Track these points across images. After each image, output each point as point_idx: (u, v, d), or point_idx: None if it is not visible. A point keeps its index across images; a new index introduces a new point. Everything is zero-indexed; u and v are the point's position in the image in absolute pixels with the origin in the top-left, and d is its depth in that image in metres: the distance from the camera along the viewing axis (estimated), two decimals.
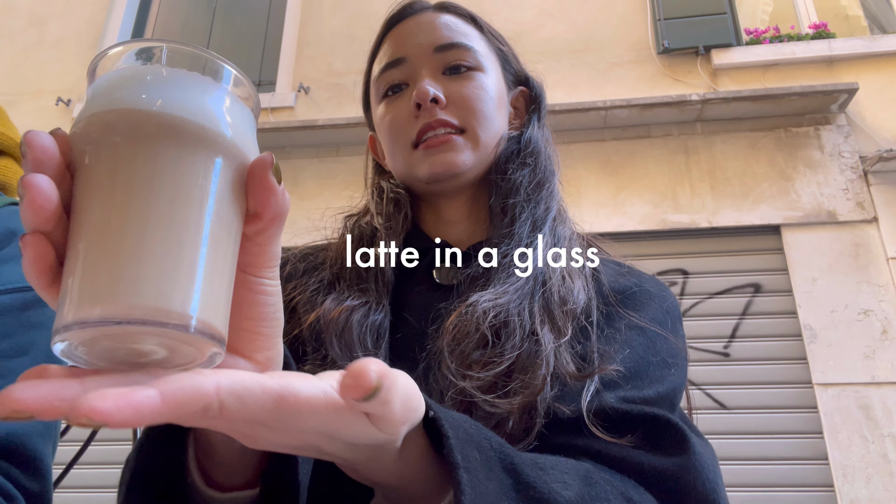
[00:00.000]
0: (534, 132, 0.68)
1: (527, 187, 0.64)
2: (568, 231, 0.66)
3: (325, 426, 0.26)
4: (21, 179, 0.23)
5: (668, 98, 3.57)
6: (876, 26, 4.17)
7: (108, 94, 0.25)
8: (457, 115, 0.63)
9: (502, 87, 0.68)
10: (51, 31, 4.71)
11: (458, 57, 0.64)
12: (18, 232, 0.70)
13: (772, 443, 3.03)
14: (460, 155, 0.62)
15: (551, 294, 0.56)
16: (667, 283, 3.06)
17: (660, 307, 0.59)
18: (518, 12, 4.23)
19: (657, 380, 0.52)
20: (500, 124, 0.66)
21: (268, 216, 0.28)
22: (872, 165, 3.38)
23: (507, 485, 0.35)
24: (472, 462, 0.33)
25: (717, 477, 0.46)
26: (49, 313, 0.68)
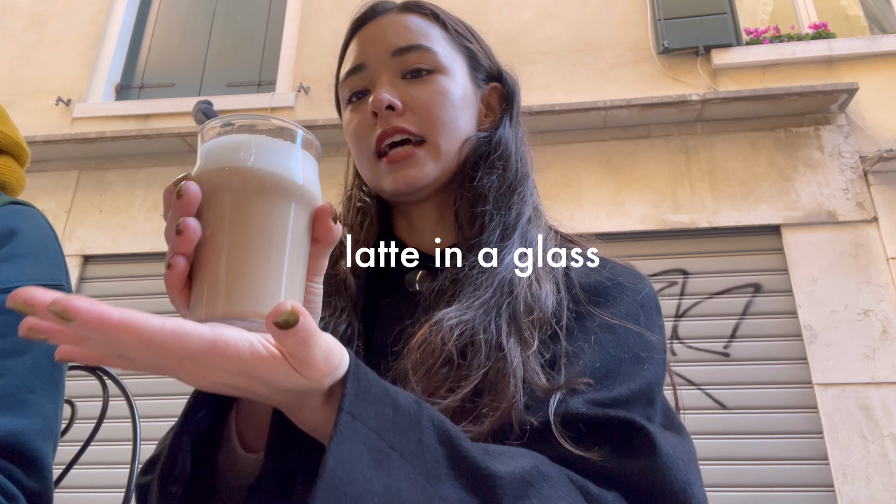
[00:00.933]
0: (504, 132, 0.66)
1: (496, 193, 0.62)
2: (541, 233, 0.64)
3: (250, 369, 0.32)
4: (179, 221, 0.35)
5: (668, 98, 3.57)
6: (876, 26, 4.17)
7: (222, 154, 0.36)
8: (415, 121, 0.61)
9: (468, 86, 0.66)
10: (51, 31, 4.71)
11: (416, 60, 0.63)
12: (18, 231, 0.70)
13: (772, 443, 3.03)
14: (422, 169, 0.61)
15: (518, 304, 0.54)
16: (666, 282, 3.02)
17: (632, 300, 0.58)
18: (518, 12, 4.23)
19: (629, 377, 0.51)
20: (464, 127, 0.64)
21: (325, 244, 0.40)
22: (872, 165, 3.38)
23: (439, 454, 0.38)
24: (372, 416, 0.36)
25: (688, 475, 0.46)
26: None
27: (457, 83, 0.64)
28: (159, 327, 0.30)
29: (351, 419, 0.35)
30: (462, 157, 0.64)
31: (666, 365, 0.57)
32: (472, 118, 0.66)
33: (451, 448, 0.39)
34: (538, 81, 3.98)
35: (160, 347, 0.30)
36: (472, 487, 0.38)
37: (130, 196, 4.04)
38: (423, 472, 0.37)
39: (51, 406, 0.66)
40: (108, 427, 1.06)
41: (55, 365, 0.68)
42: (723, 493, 2.98)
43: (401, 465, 0.36)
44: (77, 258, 3.87)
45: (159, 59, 4.81)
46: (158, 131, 3.98)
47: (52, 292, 0.28)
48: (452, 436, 0.39)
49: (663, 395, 0.56)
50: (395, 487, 0.35)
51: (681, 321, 3.33)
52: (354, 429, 0.35)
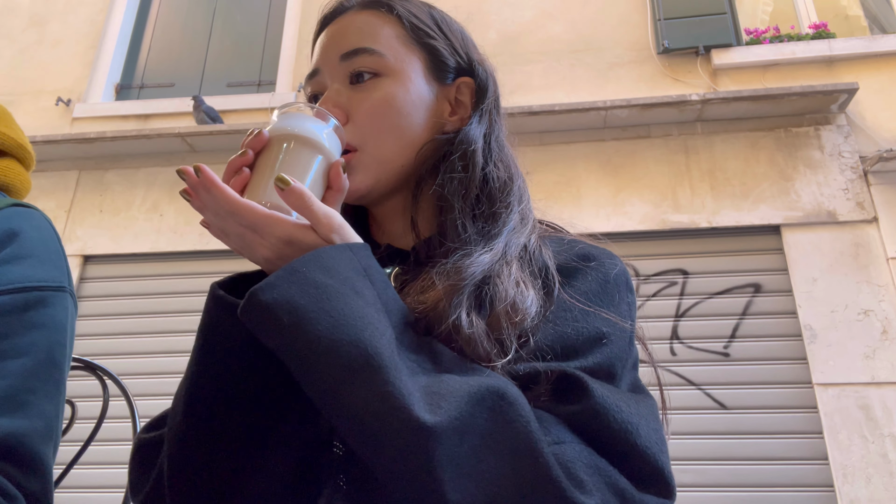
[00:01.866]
0: (470, 130, 0.62)
1: (461, 199, 0.59)
2: (523, 238, 0.59)
3: (291, 233, 0.48)
4: (253, 141, 0.53)
5: (668, 98, 3.57)
6: (876, 26, 4.17)
7: (284, 122, 0.54)
8: (354, 132, 0.59)
9: (423, 87, 0.62)
10: (51, 31, 4.71)
11: (360, 64, 0.61)
12: (20, 233, 0.70)
13: (772, 443, 3.03)
14: (356, 177, 0.59)
15: (497, 293, 0.52)
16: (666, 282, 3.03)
17: (596, 278, 0.56)
18: (518, 12, 4.22)
19: (583, 354, 0.50)
20: (414, 131, 0.61)
21: (335, 190, 0.53)
22: (872, 165, 3.38)
23: (410, 319, 0.50)
24: (364, 258, 0.49)
25: (630, 416, 0.45)
26: (50, 313, 0.68)
27: (406, 86, 0.61)
28: (237, 198, 0.47)
29: (348, 249, 0.48)
30: (419, 159, 0.62)
31: (632, 343, 0.55)
32: (430, 120, 0.63)
33: (428, 343, 0.48)
34: (538, 81, 3.97)
35: (236, 212, 0.47)
36: (425, 352, 0.47)
37: (130, 196, 4.04)
38: (386, 311, 0.46)
39: (51, 407, 0.66)
40: (108, 427, 1.06)
41: (56, 366, 0.68)
42: (723, 493, 2.98)
43: (370, 292, 0.46)
44: (77, 258, 3.87)
45: (159, 59, 4.81)
46: (158, 131, 3.98)
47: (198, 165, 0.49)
48: (377, 273, 0.49)
49: (635, 375, 0.54)
50: (357, 287, 0.45)
51: (681, 321, 3.33)
52: (345, 250, 0.47)
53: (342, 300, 0.43)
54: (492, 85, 0.66)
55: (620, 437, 0.44)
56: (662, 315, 3.33)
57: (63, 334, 0.70)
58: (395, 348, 0.43)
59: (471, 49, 0.68)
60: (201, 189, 0.47)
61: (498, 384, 0.43)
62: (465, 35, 0.69)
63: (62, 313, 0.70)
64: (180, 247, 3.82)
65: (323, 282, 0.43)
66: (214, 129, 3.90)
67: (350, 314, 0.43)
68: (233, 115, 4.25)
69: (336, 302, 0.43)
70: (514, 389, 0.43)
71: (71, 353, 0.74)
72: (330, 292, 0.43)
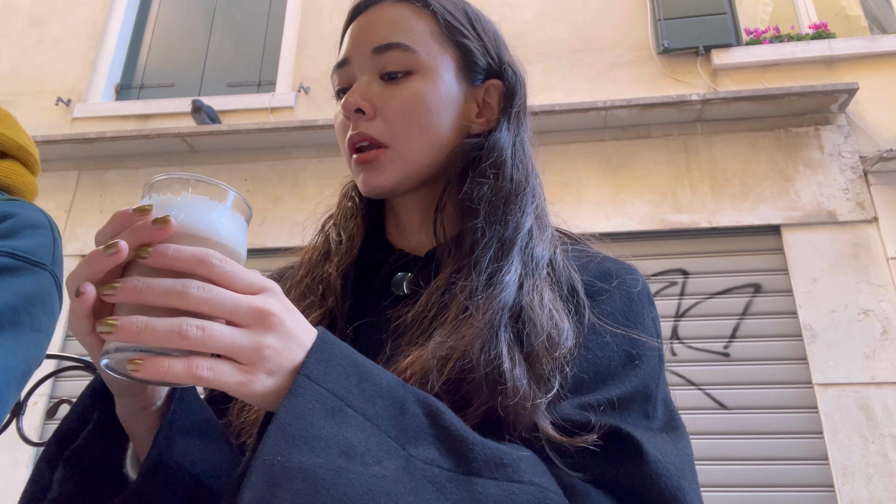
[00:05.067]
0: (500, 136, 0.61)
1: (487, 206, 0.57)
2: (548, 248, 0.58)
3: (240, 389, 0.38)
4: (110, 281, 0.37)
5: (668, 98, 3.57)
6: (876, 26, 4.17)
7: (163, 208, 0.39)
8: (383, 128, 0.58)
9: (453, 87, 0.61)
10: (51, 31, 4.71)
11: (393, 60, 0.59)
12: (13, 215, 0.72)
13: (772, 443, 3.03)
14: (382, 174, 0.58)
15: (534, 331, 0.49)
16: (666, 282, 3.01)
17: (620, 297, 0.56)
18: (518, 12, 4.23)
19: (619, 378, 0.50)
20: (443, 132, 0.60)
21: None
22: (872, 165, 3.38)
23: (421, 422, 0.40)
24: (331, 380, 0.38)
25: (680, 481, 0.45)
26: (16, 282, 0.68)
27: (437, 85, 0.59)
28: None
29: (307, 381, 0.37)
30: (448, 162, 0.60)
31: (662, 359, 0.55)
32: (457, 121, 0.61)
33: (434, 418, 0.41)
34: (538, 81, 3.97)
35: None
36: (447, 450, 0.39)
37: (130, 196, 4.03)
38: (391, 432, 0.38)
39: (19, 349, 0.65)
40: None
41: (9, 325, 0.67)
42: (723, 493, 2.98)
43: (357, 421, 0.37)
44: (77, 258, 3.87)
45: (159, 59, 4.81)
46: (158, 131, 3.98)
47: None
48: (434, 409, 0.41)
49: (665, 389, 0.54)
50: (343, 435, 0.36)
51: (681, 321, 3.33)
52: (308, 388, 0.37)
53: (339, 485, 0.35)
54: (520, 88, 0.65)
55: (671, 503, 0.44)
56: (662, 315, 3.33)
57: (32, 304, 0.69)
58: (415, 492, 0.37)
59: (502, 50, 0.66)
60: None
61: (540, 497, 0.40)
62: (497, 35, 0.67)
63: (33, 286, 0.69)
64: None
65: (309, 470, 0.34)
66: (214, 129, 3.91)
67: (355, 496, 0.35)
68: (233, 115, 4.25)
69: (335, 490, 0.35)
70: (554, 498, 0.41)
71: (48, 328, 0.72)
72: (321, 482, 0.34)
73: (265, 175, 3.98)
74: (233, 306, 0.36)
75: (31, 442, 1.02)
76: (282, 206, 3.82)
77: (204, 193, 0.40)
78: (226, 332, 0.35)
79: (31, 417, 3.43)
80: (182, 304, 0.35)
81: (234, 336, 0.36)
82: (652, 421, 0.50)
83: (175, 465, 0.42)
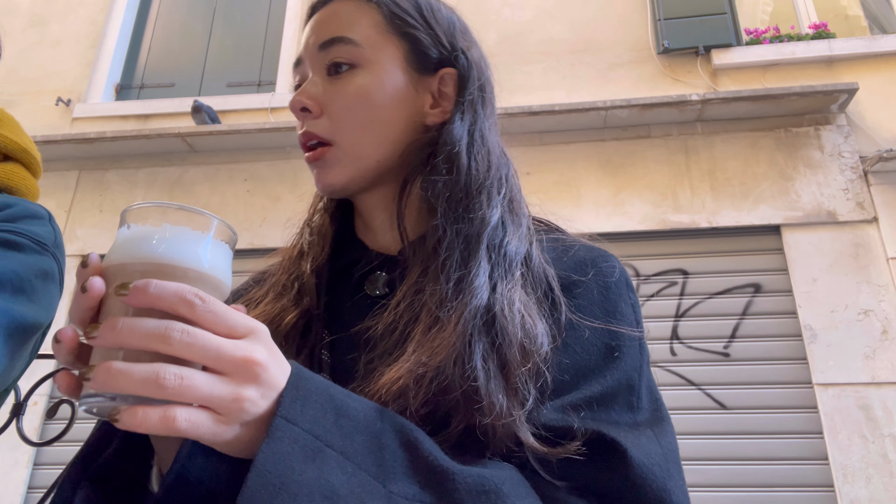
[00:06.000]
0: (453, 128, 0.58)
1: (445, 203, 0.55)
2: (523, 246, 0.55)
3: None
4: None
5: (668, 98, 3.57)
6: (876, 26, 4.17)
7: (130, 246, 0.37)
8: (328, 126, 0.58)
9: (399, 79, 0.59)
10: (51, 31, 4.71)
11: (337, 55, 0.58)
12: (14, 205, 0.73)
13: (772, 443, 3.03)
14: (331, 171, 0.58)
15: (507, 341, 0.48)
16: (666, 282, 2.99)
17: (597, 288, 0.54)
18: (518, 12, 4.22)
19: (600, 373, 0.49)
20: (391, 126, 0.58)
21: None
22: (872, 165, 3.38)
23: (398, 455, 0.39)
24: (308, 419, 0.37)
25: (665, 481, 0.44)
26: (19, 257, 0.68)
27: (380, 78, 0.58)
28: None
29: (284, 423, 0.36)
30: (403, 158, 0.59)
31: (644, 346, 0.54)
32: (408, 114, 0.59)
33: (412, 450, 0.40)
34: (538, 81, 3.97)
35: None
36: (428, 483, 0.39)
37: (130, 196, 4.03)
38: (371, 470, 0.37)
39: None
40: None
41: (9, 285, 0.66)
42: (723, 493, 2.98)
43: (337, 461, 0.36)
44: (77, 258, 3.87)
45: (159, 59, 4.81)
46: (158, 131, 3.98)
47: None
48: (412, 439, 0.40)
49: (649, 376, 0.53)
50: (325, 479, 0.35)
51: (681, 321, 3.33)
52: (286, 430, 0.36)
53: None
54: (475, 73, 0.62)
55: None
56: (662, 315, 3.33)
57: (35, 277, 0.69)
58: None
59: (457, 37, 0.63)
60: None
61: None
62: (453, 22, 0.64)
63: (36, 262, 0.69)
64: None
65: None
66: (214, 129, 3.91)
67: None
68: (233, 115, 4.25)
69: None
70: None
71: (46, 305, 0.71)
72: None
73: (265, 175, 3.98)
74: (216, 353, 0.34)
75: (31, 442, 1.02)
76: (282, 206, 3.82)
77: (185, 223, 0.38)
78: (205, 381, 0.34)
79: (31, 417, 3.43)
80: (163, 348, 0.33)
81: (213, 386, 0.34)
82: (637, 412, 0.49)
83: (196, 480, 0.41)
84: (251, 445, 0.37)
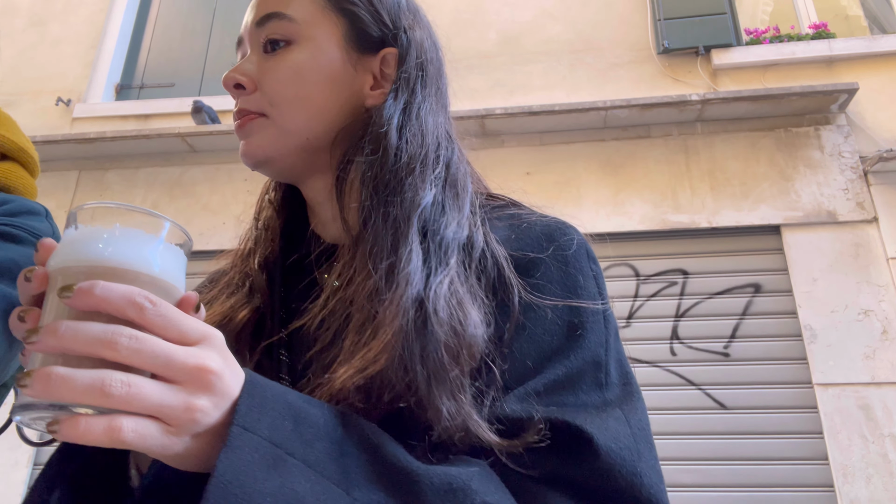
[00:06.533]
0: (385, 105, 0.56)
1: (373, 183, 0.53)
2: (463, 229, 0.53)
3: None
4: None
5: (668, 98, 3.57)
6: (876, 26, 4.17)
7: (76, 247, 0.35)
8: (261, 100, 0.56)
9: (335, 57, 0.57)
10: (51, 31, 4.71)
11: (272, 31, 0.57)
12: (13, 200, 0.75)
13: (772, 443, 3.03)
14: (255, 140, 0.56)
15: (436, 347, 0.45)
16: (666, 282, 2.98)
17: (555, 264, 0.52)
18: (518, 12, 4.22)
19: (564, 353, 0.47)
20: (327, 105, 0.57)
21: None
22: (872, 165, 3.38)
23: (361, 460, 0.38)
24: (266, 427, 0.35)
25: (635, 465, 0.43)
26: (17, 249, 0.69)
27: (315, 55, 0.56)
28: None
29: (242, 431, 0.34)
30: (337, 140, 0.57)
31: (609, 317, 0.51)
32: (345, 93, 0.57)
33: (375, 453, 0.38)
34: (538, 81, 3.97)
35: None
36: (393, 487, 0.37)
37: (130, 196, 4.03)
38: (334, 477, 0.36)
39: None
40: None
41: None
42: (723, 493, 2.98)
43: (299, 469, 0.35)
44: None
45: (159, 59, 4.81)
46: (158, 131, 3.98)
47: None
48: (375, 442, 0.39)
49: (618, 348, 0.51)
50: (289, 487, 0.34)
51: (681, 321, 3.33)
52: (245, 439, 0.34)
53: None
54: (414, 52, 0.59)
55: (627, 492, 0.43)
56: (662, 315, 3.33)
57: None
58: None
59: (402, 16, 0.61)
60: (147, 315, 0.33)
61: None
62: (400, 1, 0.62)
63: (32, 255, 0.70)
64: None
65: None
66: (214, 129, 3.91)
67: None
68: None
69: None
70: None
71: None
72: None
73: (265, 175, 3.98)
74: (166, 361, 0.32)
75: (31, 442, 1.02)
76: None
77: (136, 224, 0.36)
78: (154, 390, 0.32)
79: None
80: (110, 354, 0.31)
81: (164, 395, 0.32)
82: (606, 389, 0.47)
83: (176, 480, 0.40)
84: (202, 458, 0.35)
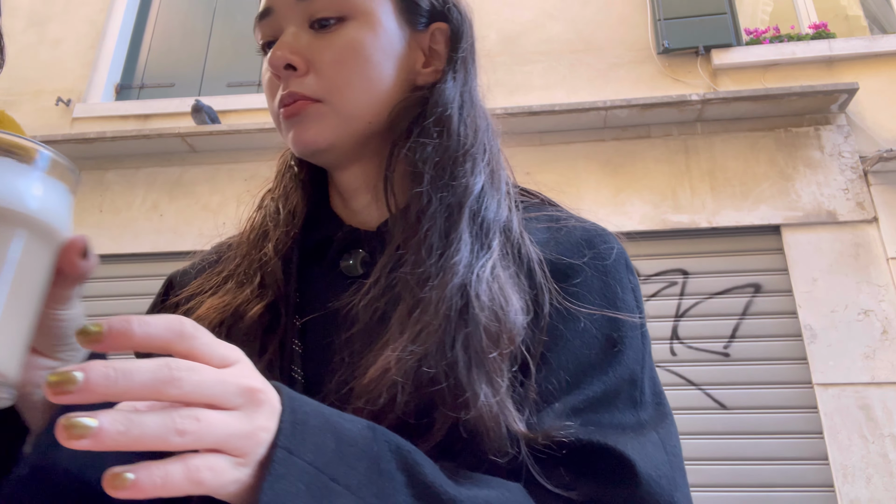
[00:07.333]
0: (445, 88, 0.53)
1: (432, 169, 0.51)
2: (503, 211, 0.52)
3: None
4: None
5: (668, 98, 3.57)
6: (876, 26, 4.17)
7: None
8: (317, 84, 0.51)
9: (394, 32, 0.54)
10: (51, 31, 4.71)
11: (323, 5, 0.51)
12: None
13: (772, 443, 3.03)
14: (312, 128, 0.51)
15: (477, 333, 0.44)
16: (666, 282, 2.99)
17: (595, 273, 0.50)
18: (518, 12, 4.22)
19: (601, 368, 0.46)
20: (386, 83, 0.53)
21: (72, 279, 0.34)
22: (872, 165, 3.38)
23: (398, 481, 0.35)
24: (311, 450, 0.32)
25: (673, 491, 0.43)
26: None
27: (376, 31, 0.52)
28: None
29: (287, 455, 0.31)
30: (392, 120, 0.53)
31: (646, 334, 0.51)
32: (402, 70, 0.54)
33: (411, 474, 0.36)
34: (538, 81, 3.97)
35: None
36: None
37: (130, 196, 4.04)
38: (374, 502, 0.34)
39: None
40: None
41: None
42: (723, 493, 2.98)
43: (344, 499, 0.32)
44: None
45: (159, 59, 4.81)
46: (158, 131, 3.98)
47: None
48: (411, 461, 0.37)
49: (651, 366, 0.50)
50: None
51: (681, 321, 3.33)
52: (291, 464, 0.31)
53: None
54: (467, 29, 0.57)
55: None
56: (662, 315, 3.33)
57: None
58: None
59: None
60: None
61: None
62: None
63: None
64: (180, 247, 3.82)
65: None
66: (214, 129, 3.91)
67: None
68: (232, 115, 4.25)
69: None
70: None
71: None
72: None
73: (265, 175, 3.98)
74: (223, 387, 0.29)
75: None
76: None
77: (5, 154, 0.30)
78: (220, 419, 0.29)
79: None
80: (176, 393, 0.28)
81: (229, 424, 0.29)
82: (640, 408, 0.47)
83: (62, 471, 0.37)
84: (246, 485, 0.31)
